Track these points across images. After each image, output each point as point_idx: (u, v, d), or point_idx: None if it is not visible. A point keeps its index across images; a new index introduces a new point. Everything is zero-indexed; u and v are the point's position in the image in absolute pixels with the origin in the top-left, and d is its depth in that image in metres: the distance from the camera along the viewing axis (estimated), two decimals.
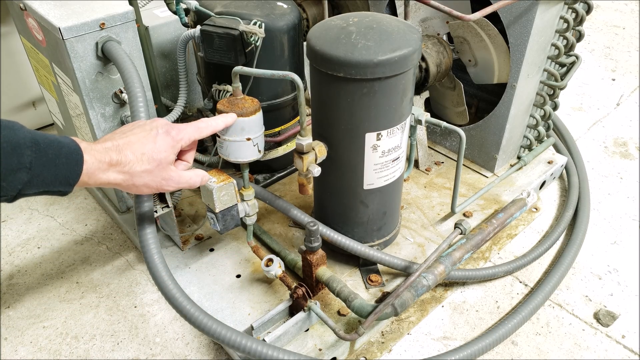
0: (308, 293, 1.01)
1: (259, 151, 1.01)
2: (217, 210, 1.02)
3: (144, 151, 0.77)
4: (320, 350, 1.01)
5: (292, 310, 1.05)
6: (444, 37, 1.38)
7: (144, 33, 1.35)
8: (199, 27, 1.11)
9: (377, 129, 0.98)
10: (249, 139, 0.97)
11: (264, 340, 0.96)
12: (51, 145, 0.66)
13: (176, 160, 0.86)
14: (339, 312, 1.08)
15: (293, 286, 1.02)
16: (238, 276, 1.18)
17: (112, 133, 0.80)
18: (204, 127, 0.87)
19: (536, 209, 1.44)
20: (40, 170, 0.64)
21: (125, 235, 1.39)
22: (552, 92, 1.36)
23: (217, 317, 0.94)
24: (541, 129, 1.45)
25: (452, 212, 1.30)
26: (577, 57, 1.34)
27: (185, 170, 0.86)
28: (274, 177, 1.43)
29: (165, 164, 0.80)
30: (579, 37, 1.30)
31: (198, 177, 0.87)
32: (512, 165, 1.48)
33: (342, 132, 1.00)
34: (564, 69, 1.35)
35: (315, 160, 1.00)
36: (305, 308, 1.00)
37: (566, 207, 1.41)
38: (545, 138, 1.51)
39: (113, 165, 0.74)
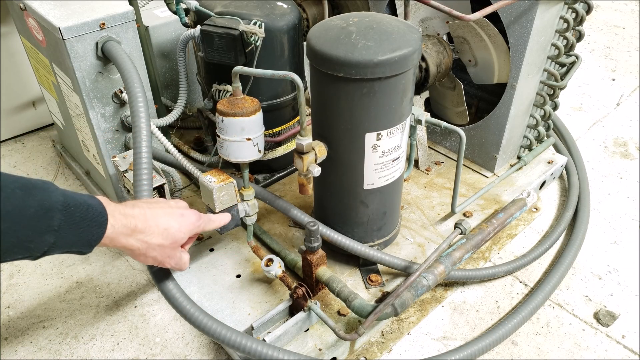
0: (308, 293, 1.01)
1: (259, 151, 1.01)
2: (217, 210, 1.02)
3: (167, 227, 0.80)
4: (320, 350, 1.01)
5: (292, 310, 1.05)
6: (444, 37, 1.38)
7: (144, 33, 1.35)
8: (199, 27, 1.11)
9: (377, 129, 0.98)
10: (249, 139, 0.97)
11: (264, 340, 0.96)
12: (79, 207, 0.66)
13: None
14: (339, 312, 1.08)
15: (293, 286, 1.01)
16: (238, 276, 1.18)
17: (138, 200, 0.84)
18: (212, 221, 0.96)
19: (536, 209, 1.44)
20: (67, 233, 0.65)
21: None
22: (552, 92, 1.36)
23: (217, 317, 0.94)
24: (541, 129, 1.45)
25: (452, 212, 1.30)
26: (577, 57, 1.34)
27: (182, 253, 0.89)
28: (274, 177, 1.43)
29: (178, 244, 0.84)
30: (579, 37, 1.30)
31: (187, 262, 0.90)
32: (512, 165, 1.48)
33: (342, 132, 1.00)
34: (564, 69, 1.35)
35: (315, 160, 1.00)
36: (305, 308, 1.00)
37: (566, 207, 1.41)
38: (545, 138, 1.51)
39: (136, 232, 0.76)
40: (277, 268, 1.04)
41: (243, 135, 0.96)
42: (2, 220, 0.57)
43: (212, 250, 1.25)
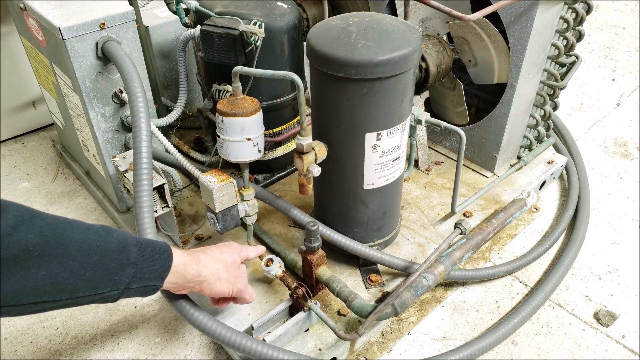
0: (308, 293, 1.01)
1: (259, 151, 1.01)
2: (217, 210, 1.02)
3: (220, 252, 0.91)
4: (320, 350, 1.01)
5: (292, 310, 1.05)
6: (444, 37, 1.38)
7: (144, 33, 1.35)
8: (199, 27, 1.11)
9: (377, 129, 0.98)
10: (249, 139, 0.97)
11: (264, 340, 0.96)
12: (148, 243, 0.76)
13: None
14: (339, 312, 1.08)
15: (293, 286, 1.02)
16: None
17: None
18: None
19: (536, 209, 1.44)
20: (143, 265, 0.73)
21: None
22: (552, 92, 1.36)
23: (217, 317, 0.94)
24: (541, 129, 1.45)
25: (452, 212, 1.30)
26: (577, 57, 1.34)
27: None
28: (274, 177, 1.43)
29: (236, 263, 0.93)
30: (579, 37, 1.30)
31: (254, 292, 1.01)
32: (512, 165, 1.48)
33: (342, 132, 1.00)
34: (564, 69, 1.35)
35: (315, 160, 1.00)
36: (305, 308, 1.00)
37: (566, 207, 1.41)
38: (545, 138, 1.51)
39: (202, 260, 0.85)
40: (277, 268, 1.04)
41: (243, 135, 0.96)
42: (93, 253, 0.66)
43: None
